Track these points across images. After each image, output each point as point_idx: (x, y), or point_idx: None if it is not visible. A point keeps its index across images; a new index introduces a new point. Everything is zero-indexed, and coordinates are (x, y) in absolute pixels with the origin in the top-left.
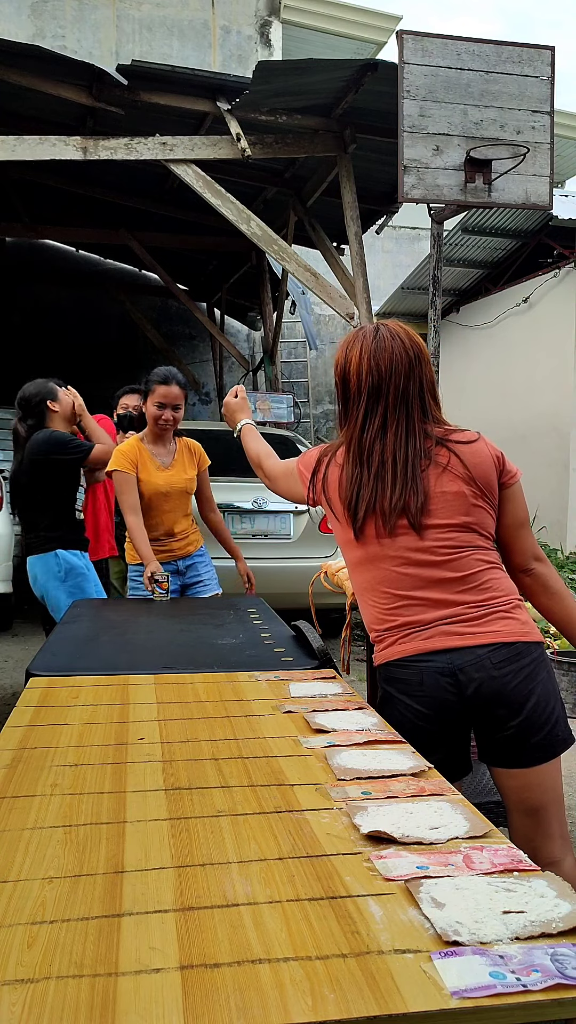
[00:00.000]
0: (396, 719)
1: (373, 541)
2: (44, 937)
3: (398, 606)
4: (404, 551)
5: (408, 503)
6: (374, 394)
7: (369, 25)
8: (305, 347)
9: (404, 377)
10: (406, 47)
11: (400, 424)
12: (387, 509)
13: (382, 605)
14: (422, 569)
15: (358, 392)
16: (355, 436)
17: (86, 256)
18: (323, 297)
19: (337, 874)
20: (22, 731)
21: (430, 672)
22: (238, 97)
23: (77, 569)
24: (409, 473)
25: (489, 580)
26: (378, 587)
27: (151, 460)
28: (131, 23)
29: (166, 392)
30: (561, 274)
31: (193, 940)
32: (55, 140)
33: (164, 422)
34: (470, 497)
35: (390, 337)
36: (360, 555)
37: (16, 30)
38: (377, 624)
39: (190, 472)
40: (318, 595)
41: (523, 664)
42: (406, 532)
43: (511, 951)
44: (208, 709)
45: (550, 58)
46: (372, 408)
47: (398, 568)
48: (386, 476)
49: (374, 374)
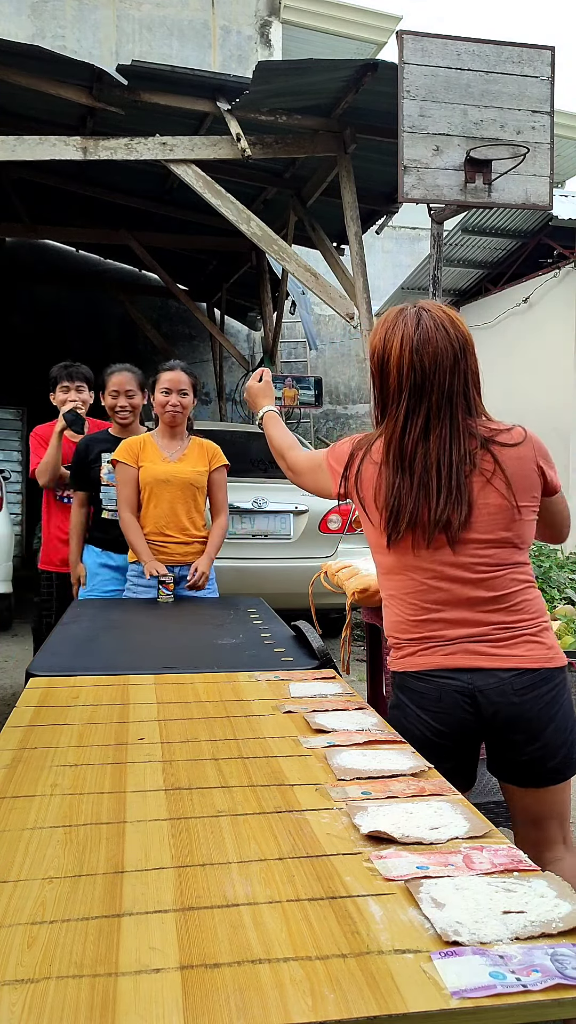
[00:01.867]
0: (407, 729)
1: (408, 551)
2: (44, 937)
3: (425, 619)
4: (439, 564)
5: (451, 517)
6: (416, 392)
7: (369, 25)
8: (305, 347)
9: (449, 373)
10: (406, 47)
11: (444, 426)
12: (429, 522)
13: (408, 615)
14: (455, 585)
15: (398, 389)
16: (395, 438)
17: (86, 256)
18: (323, 297)
19: (337, 874)
20: (22, 731)
21: (449, 690)
22: (238, 97)
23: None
24: (454, 482)
25: (522, 601)
26: (406, 597)
27: (156, 452)
28: (131, 23)
29: (171, 378)
30: (561, 274)
31: (193, 940)
32: (55, 140)
33: (172, 408)
34: (512, 510)
35: (434, 327)
36: (391, 562)
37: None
38: (399, 632)
39: (199, 468)
40: (318, 595)
41: (545, 691)
42: (443, 545)
43: (511, 951)
44: (208, 709)
45: (550, 58)
46: (415, 408)
47: (430, 581)
48: (430, 485)
49: (416, 371)
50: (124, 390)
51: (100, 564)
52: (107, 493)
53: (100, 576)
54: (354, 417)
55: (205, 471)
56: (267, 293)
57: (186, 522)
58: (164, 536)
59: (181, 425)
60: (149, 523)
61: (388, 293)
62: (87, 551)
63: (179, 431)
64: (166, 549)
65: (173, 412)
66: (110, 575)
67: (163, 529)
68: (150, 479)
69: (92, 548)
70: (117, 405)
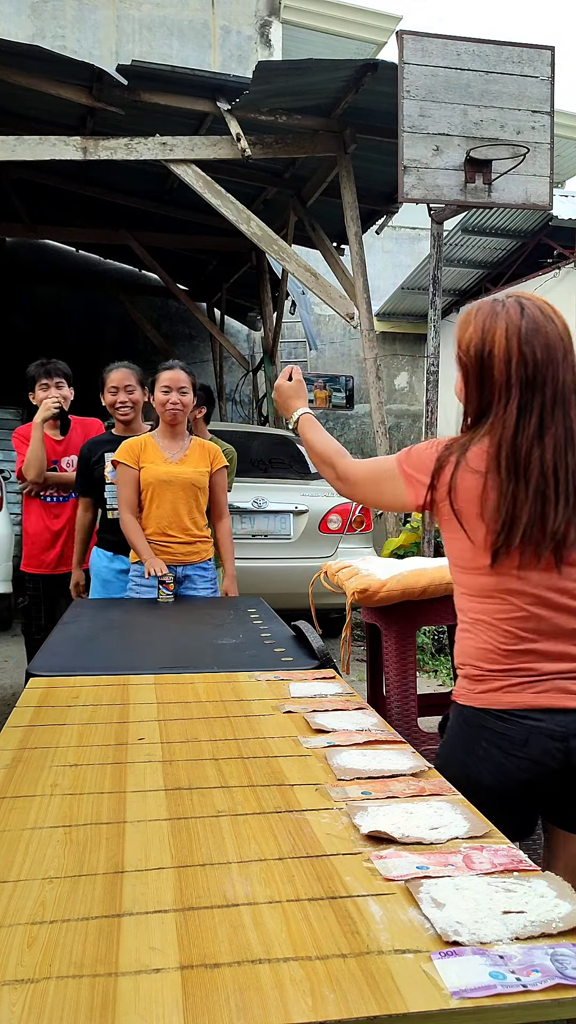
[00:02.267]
0: (467, 774)
1: (511, 572)
2: (44, 937)
3: (519, 650)
4: (541, 589)
5: (567, 531)
6: (528, 387)
7: (369, 25)
8: (305, 347)
9: (560, 367)
10: (406, 47)
11: (559, 425)
12: (544, 536)
13: (499, 644)
14: (557, 614)
15: (506, 384)
16: (505, 439)
17: (86, 256)
18: (323, 297)
19: (337, 874)
20: (22, 731)
21: (537, 734)
22: (238, 97)
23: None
24: (572, 489)
25: None
26: (500, 623)
27: (157, 452)
28: (131, 23)
29: (171, 376)
30: (561, 274)
31: (193, 940)
32: (55, 140)
33: (172, 406)
34: None
35: (542, 317)
36: (487, 583)
37: (16, 30)
38: (487, 662)
39: (200, 469)
40: (318, 595)
41: None
42: (550, 567)
43: (511, 951)
44: (208, 709)
45: (550, 58)
46: (527, 405)
47: (530, 607)
48: (548, 492)
49: (528, 362)
50: (123, 385)
51: (117, 571)
52: (112, 491)
53: (115, 584)
54: (354, 417)
55: (207, 471)
56: (267, 293)
57: (188, 522)
58: (167, 536)
59: (182, 424)
60: (151, 524)
61: (388, 293)
62: (99, 555)
63: (180, 430)
64: (169, 549)
65: (174, 410)
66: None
67: (165, 529)
68: (152, 480)
69: (104, 552)
70: (117, 401)
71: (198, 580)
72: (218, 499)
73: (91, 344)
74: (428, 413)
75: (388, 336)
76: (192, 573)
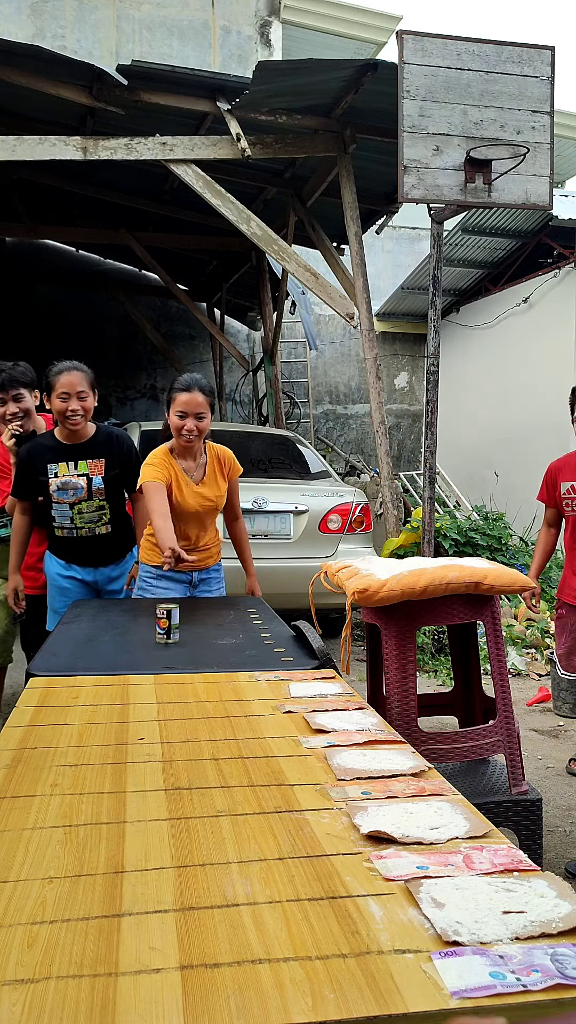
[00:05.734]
0: None
1: None
2: (44, 937)
3: None
4: None
5: None
6: None
7: (369, 25)
8: (305, 347)
9: None
10: (406, 47)
11: None
12: None
13: None
14: None
15: None
16: None
17: (86, 256)
18: (323, 297)
19: (337, 874)
20: (22, 731)
21: None
22: (238, 97)
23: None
24: None
25: None
26: None
27: (182, 476)
28: (131, 23)
29: (187, 400)
30: (561, 274)
31: (193, 940)
32: (55, 140)
33: (188, 433)
34: None
35: None
36: None
37: (16, 30)
38: None
39: (222, 487)
40: (318, 595)
41: None
42: None
43: (511, 951)
44: (208, 709)
45: (550, 58)
46: None
47: None
48: None
49: None
50: (76, 392)
51: (73, 578)
52: (59, 510)
53: (73, 592)
54: (354, 417)
55: (227, 488)
56: (267, 293)
57: (206, 536)
58: (183, 543)
59: (197, 443)
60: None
61: (388, 293)
62: (52, 562)
63: (195, 448)
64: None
65: (189, 437)
66: (81, 588)
67: (185, 544)
68: (181, 511)
69: (57, 560)
70: (68, 409)
71: (213, 582)
72: (233, 502)
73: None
74: (428, 413)
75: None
76: (208, 576)
